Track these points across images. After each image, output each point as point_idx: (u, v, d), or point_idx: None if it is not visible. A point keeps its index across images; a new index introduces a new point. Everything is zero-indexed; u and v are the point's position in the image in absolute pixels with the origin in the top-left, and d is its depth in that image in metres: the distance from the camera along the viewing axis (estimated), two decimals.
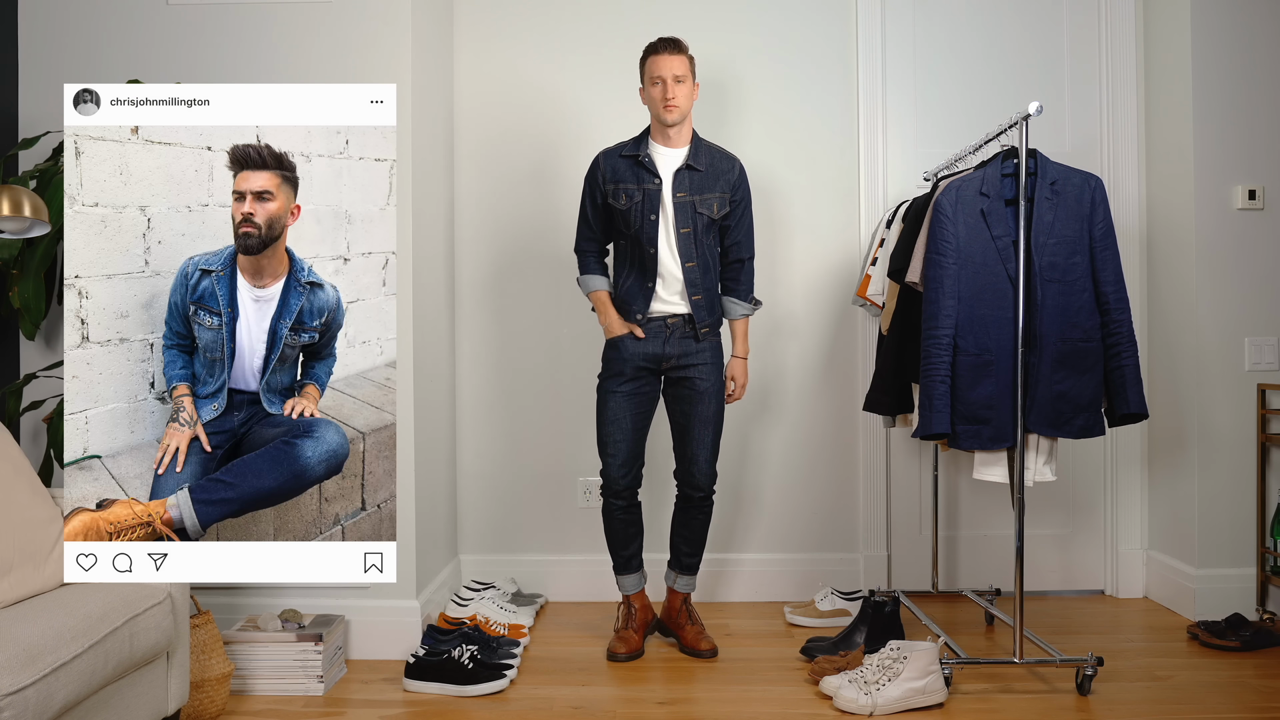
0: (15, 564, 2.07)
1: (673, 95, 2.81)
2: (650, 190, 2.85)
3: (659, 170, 2.87)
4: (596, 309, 2.98)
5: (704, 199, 2.86)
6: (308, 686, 2.66)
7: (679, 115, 2.83)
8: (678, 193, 2.85)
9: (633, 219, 2.86)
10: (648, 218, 2.84)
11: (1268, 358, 3.27)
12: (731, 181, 2.91)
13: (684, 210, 2.85)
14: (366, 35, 2.97)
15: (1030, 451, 2.68)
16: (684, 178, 2.86)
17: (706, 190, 2.87)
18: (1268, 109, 3.27)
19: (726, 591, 3.59)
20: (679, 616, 3.06)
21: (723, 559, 3.60)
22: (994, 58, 3.60)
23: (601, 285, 2.98)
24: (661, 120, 2.85)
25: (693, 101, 2.89)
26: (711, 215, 2.87)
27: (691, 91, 2.87)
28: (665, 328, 2.90)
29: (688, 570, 3.07)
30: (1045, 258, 2.63)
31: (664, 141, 2.89)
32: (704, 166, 2.88)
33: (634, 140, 2.95)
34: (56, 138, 2.92)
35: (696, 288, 2.87)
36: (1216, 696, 2.61)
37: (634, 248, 2.90)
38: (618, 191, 2.88)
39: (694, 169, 2.87)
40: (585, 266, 3.01)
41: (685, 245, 2.85)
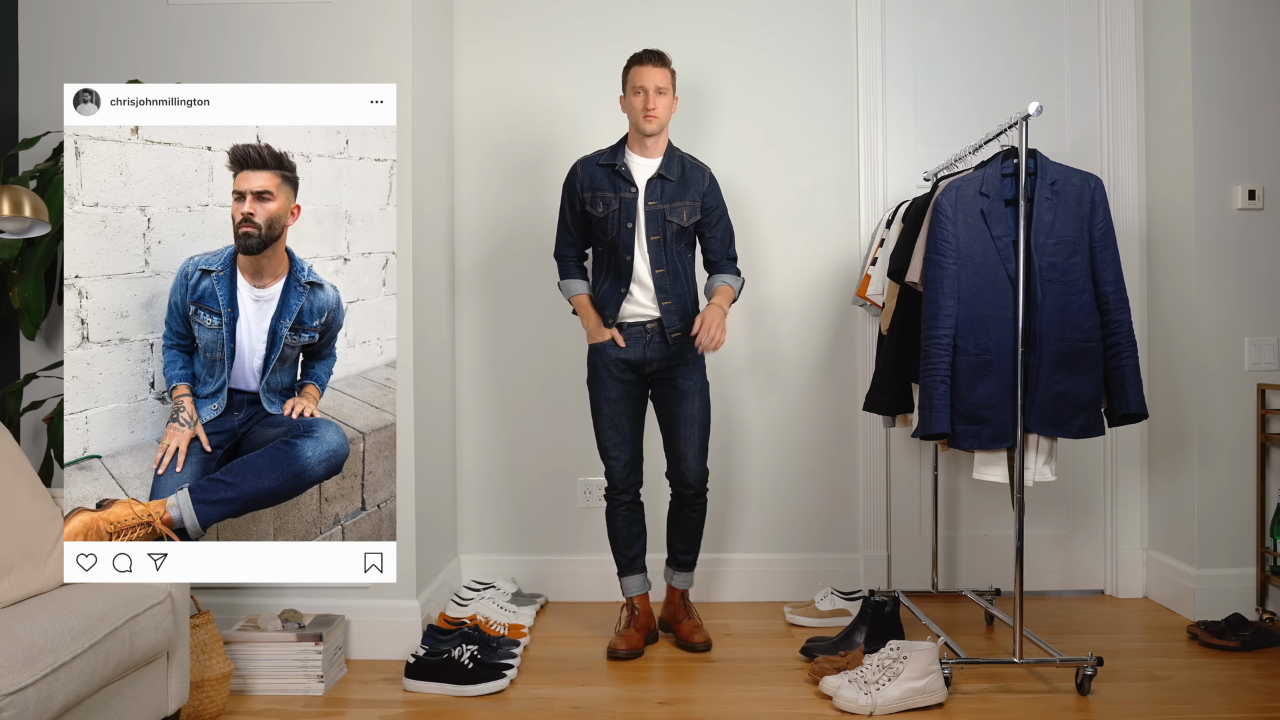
0: (15, 564, 2.07)
1: (653, 106, 2.87)
2: (627, 199, 2.92)
3: (635, 179, 2.94)
4: (579, 313, 3.04)
5: (674, 207, 2.93)
6: (308, 686, 2.66)
7: (657, 126, 2.90)
8: (649, 201, 2.92)
9: (609, 226, 2.93)
10: (624, 225, 2.91)
11: (1268, 358, 3.27)
12: (702, 190, 2.98)
13: (654, 218, 2.92)
14: (366, 35, 2.97)
15: (1030, 451, 2.68)
16: (655, 186, 2.93)
17: (677, 199, 2.94)
18: (1268, 109, 3.27)
19: (727, 591, 3.59)
20: (677, 611, 3.12)
21: (723, 559, 3.60)
22: (994, 58, 3.60)
23: (582, 289, 3.04)
24: (640, 130, 2.91)
25: (671, 114, 2.96)
26: (681, 223, 2.94)
27: (671, 104, 2.94)
28: (644, 332, 2.97)
29: (684, 568, 3.12)
30: (1045, 258, 2.63)
31: (640, 151, 2.96)
32: (675, 176, 2.95)
33: (611, 149, 3.00)
34: (56, 138, 2.92)
35: (666, 293, 2.93)
36: (1216, 696, 2.61)
37: (610, 254, 2.97)
38: (595, 199, 2.95)
39: (665, 179, 2.94)
40: (566, 271, 3.07)
41: (655, 252, 2.92)
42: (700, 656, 2.98)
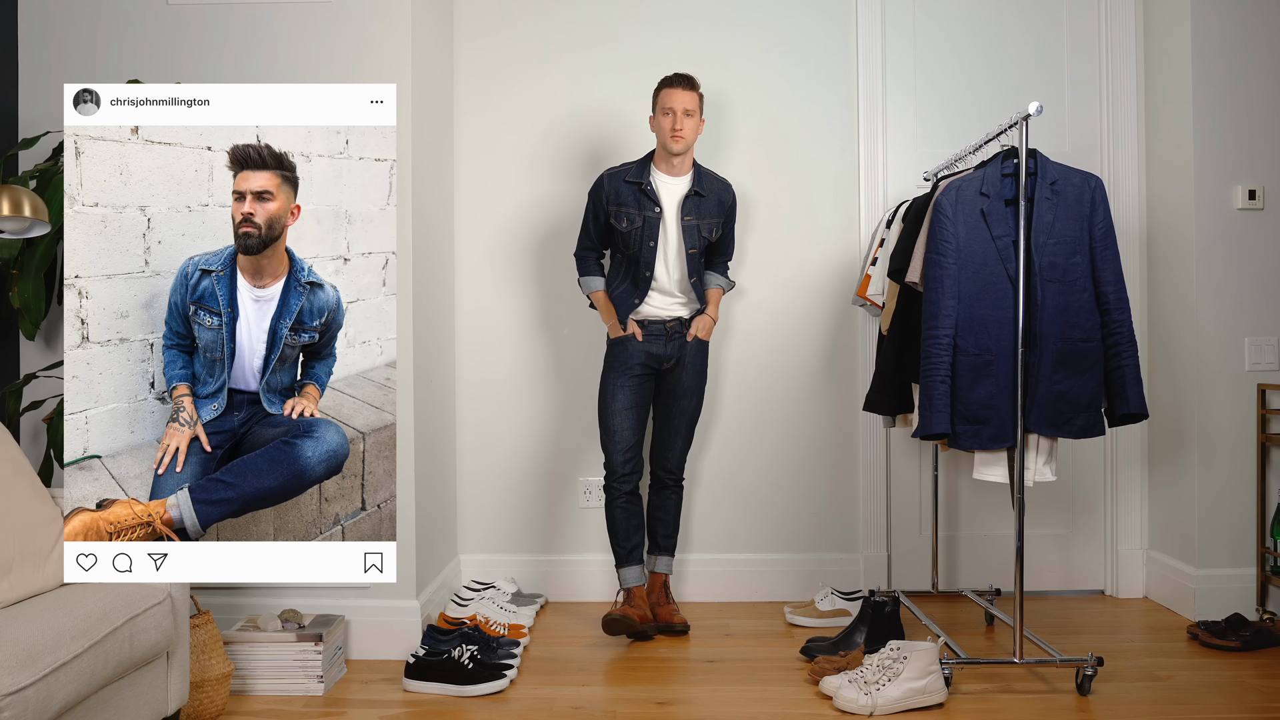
0: (15, 564, 2.07)
1: (680, 127, 3.01)
2: (650, 218, 3.06)
3: (660, 199, 3.07)
4: (599, 308, 3.19)
5: (707, 223, 3.12)
6: (308, 686, 2.65)
7: (684, 146, 3.03)
8: (685, 216, 3.08)
9: (632, 242, 3.07)
10: (647, 243, 3.07)
11: (1268, 358, 3.27)
12: (727, 206, 3.17)
13: (691, 233, 3.09)
14: (366, 35, 2.97)
15: (1030, 451, 2.68)
16: (691, 204, 3.09)
17: (708, 215, 3.12)
18: (1268, 109, 3.27)
19: (727, 591, 3.59)
20: (658, 595, 3.24)
21: (723, 559, 3.60)
22: (994, 58, 3.60)
23: (600, 285, 3.20)
24: (668, 149, 3.05)
25: (698, 135, 3.09)
26: (710, 237, 3.14)
27: (698, 125, 3.08)
28: (664, 331, 3.14)
29: (665, 551, 3.28)
30: (1045, 258, 2.63)
31: (667, 170, 3.09)
32: (707, 192, 3.12)
33: (638, 165, 3.12)
34: (56, 138, 2.92)
35: (695, 299, 3.15)
36: (1216, 696, 2.61)
37: (630, 265, 3.11)
38: (620, 214, 3.08)
39: (701, 195, 3.11)
40: (585, 269, 3.22)
41: (693, 263, 3.11)
42: (700, 656, 2.97)
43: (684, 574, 3.57)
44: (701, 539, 3.60)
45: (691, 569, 3.58)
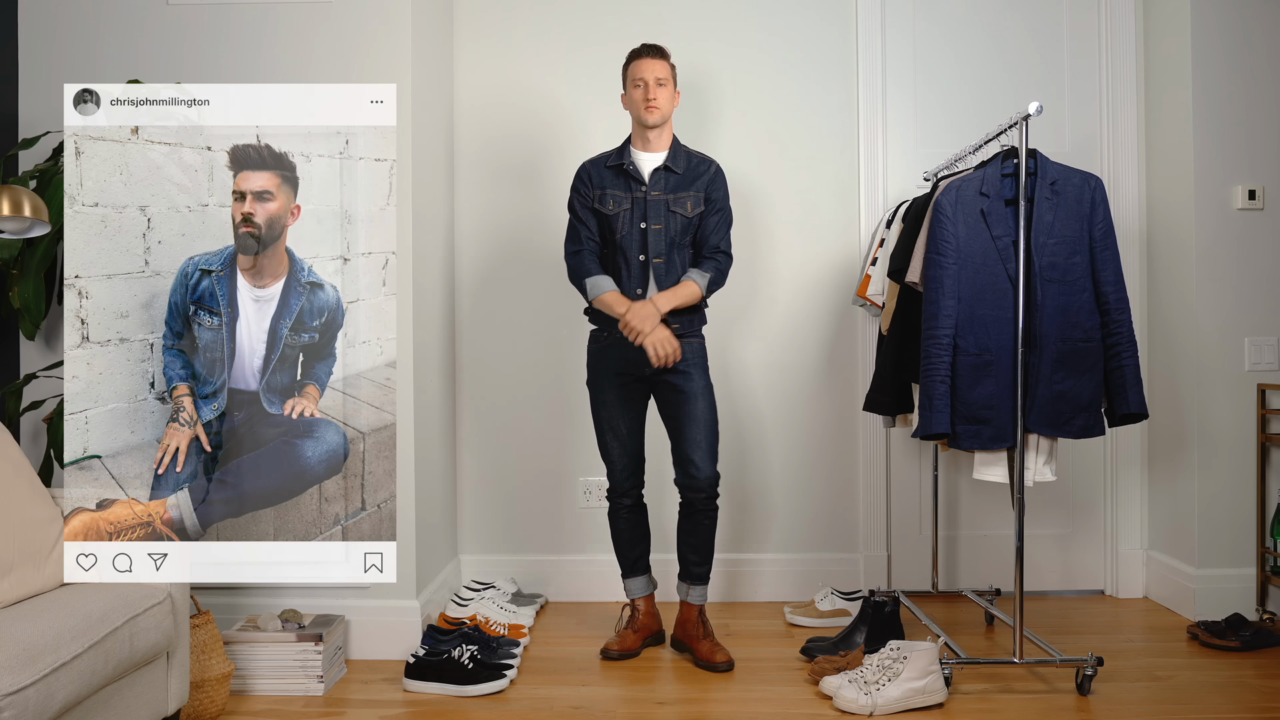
0: (15, 564, 2.07)
1: (654, 97, 2.83)
2: (638, 198, 2.87)
3: (645, 177, 2.88)
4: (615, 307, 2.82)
5: (678, 198, 2.87)
6: (308, 686, 2.65)
7: (660, 117, 2.85)
8: (653, 191, 2.87)
9: (618, 225, 2.87)
10: (637, 225, 2.86)
11: (1268, 358, 3.27)
12: (706, 181, 2.90)
13: (657, 208, 2.86)
14: (366, 35, 2.97)
15: (1030, 451, 2.68)
16: (660, 178, 2.88)
17: (681, 190, 2.88)
18: (1268, 109, 3.27)
19: (726, 591, 3.58)
20: (693, 629, 2.95)
21: (722, 559, 3.59)
22: (994, 58, 3.60)
23: (611, 284, 2.87)
24: (643, 122, 2.86)
25: (674, 107, 2.92)
26: (685, 214, 2.87)
27: (673, 96, 2.90)
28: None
29: (698, 580, 2.97)
30: (1045, 258, 2.63)
31: (644, 146, 2.90)
32: (681, 169, 2.89)
33: (616, 150, 2.95)
34: (56, 138, 2.92)
35: (664, 287, 2.84)
36: (1216, 696, 2.61)
37: (619, 256, 2.88)
38: (605, 197, 2.89)
39: (671, 170, 2.88)
40: (586, 269, 2.90)
41: (656, 242, 2.85)
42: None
43: None
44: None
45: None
